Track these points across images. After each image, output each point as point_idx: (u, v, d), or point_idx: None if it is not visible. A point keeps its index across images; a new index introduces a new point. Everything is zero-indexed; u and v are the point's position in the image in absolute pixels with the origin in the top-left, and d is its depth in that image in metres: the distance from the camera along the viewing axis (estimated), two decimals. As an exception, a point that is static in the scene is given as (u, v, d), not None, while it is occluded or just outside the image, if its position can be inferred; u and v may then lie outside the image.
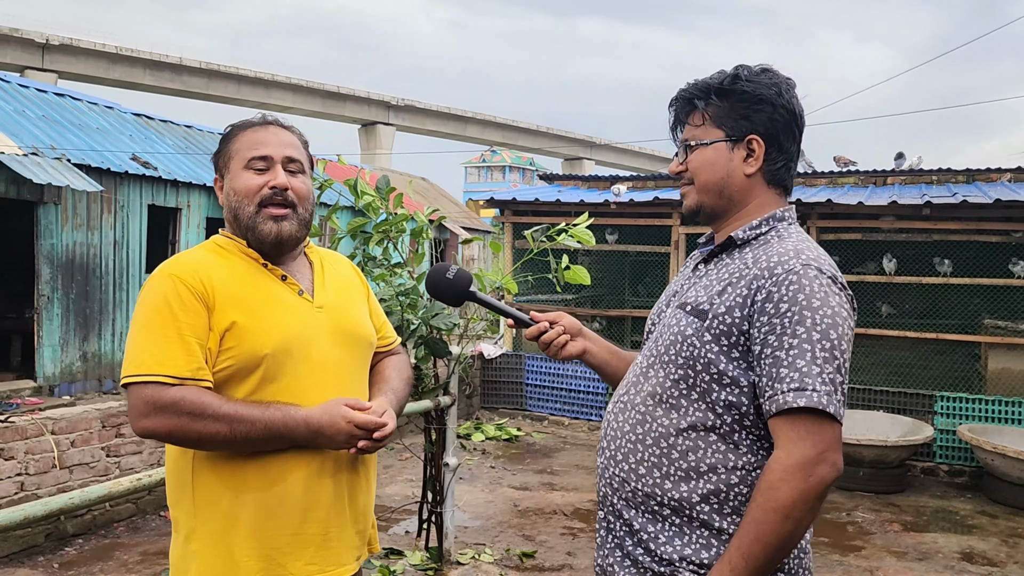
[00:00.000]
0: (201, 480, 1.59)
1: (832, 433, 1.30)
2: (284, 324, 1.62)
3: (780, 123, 1.50)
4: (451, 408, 4.27)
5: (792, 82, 1.53)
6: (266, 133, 1.70)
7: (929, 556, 4.92)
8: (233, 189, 1.66)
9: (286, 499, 1.59)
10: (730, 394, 1.40)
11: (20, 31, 33.41)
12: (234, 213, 1.66)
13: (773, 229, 1.50)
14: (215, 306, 1.57)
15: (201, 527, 1.59)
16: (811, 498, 1.28)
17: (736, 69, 1.52)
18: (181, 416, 1.48)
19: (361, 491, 1.73)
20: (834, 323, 1.33)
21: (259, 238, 1.65)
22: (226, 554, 1.57)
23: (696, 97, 1.53)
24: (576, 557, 4.66)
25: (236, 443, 1.52)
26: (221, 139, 1.75)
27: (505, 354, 8.73)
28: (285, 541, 1.59)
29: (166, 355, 1.51)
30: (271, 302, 1.64)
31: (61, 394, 8.92)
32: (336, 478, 1.66)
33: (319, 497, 1.63)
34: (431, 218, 4.32)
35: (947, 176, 8.66)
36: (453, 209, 21.83)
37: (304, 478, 1.61)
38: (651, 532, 1.44)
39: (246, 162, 1.66)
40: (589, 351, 1.76)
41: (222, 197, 1.72)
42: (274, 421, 1.53)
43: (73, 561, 4.31)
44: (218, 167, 1.73)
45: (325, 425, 1.55)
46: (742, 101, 1.49)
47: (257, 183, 1.65)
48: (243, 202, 1.65)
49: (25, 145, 8.58)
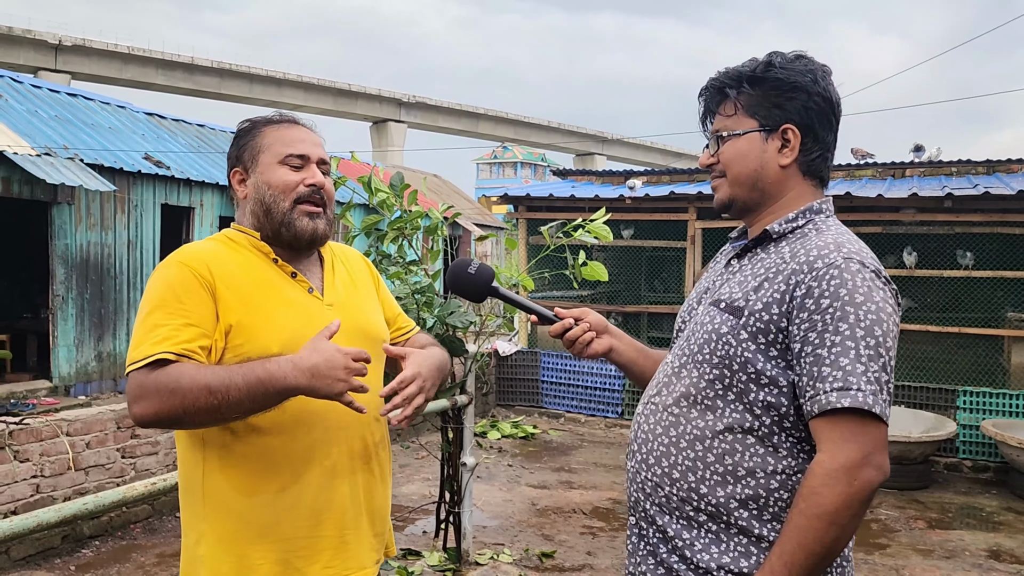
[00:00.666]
0: (212, 483, 1.55)
1: (878, 434, 1.24)
2: (292, 323, 1.57)
3: (816, 111, 1.43)
4: (468, 407, 4.22)
5: (828, 69, 1.46)
6: (300, 132, 1.69)
7: (956, 554, 4.83)
8: (267, 183, 1.63)
9: (300, 501, 1.55)
10: (768, 394, 1.33)
11: (33, 32, 33.61)
12: (266, 207, 1.62)
13: (811, 222, 1.43)
14: (221, 298, 1.52)
15: (210, 531, 1.55)
16: (856, 503, 1.22)
17: (769, 56, 1.46)
18: (161, 395, 1.40)
19: (377, 492, 1.69)
20: (878, 319, 1.27)
21: (295, 234, 1.62)
22: (238, 558, 1.53)
23: (727, 86, 1.47)
24: (596, 557, 4.60)
25: (223, 408, 1.41)
26: (240, 132, 1.71)
27: (520, 351, 8.68)
28: (301, 544, 1.55)
29: (157, 338, 1.45)
30: (279, 300, 1.59)
31: (77, 394, 8.94)
32: (352, 479, 1.62)
33: (334, 498, 1.59)
34: (446, 215, 4.27)
35: (967, 168, 8.53)
36: (465, 205, 21.79)
37: (318, 479, 1.57)
38: (686, 539, 1.38)
39: (282, 157, 1.64)
40: (615, 349, 1.69)
41: (243, 190, 1.67)
42: (253, 371, 1.40)
43: (90, 563, 4.29)
44: (240, 159, 1.68)
45: (319, 362, 1.40)
46: (776, 89, 1.42)
47: (295, 179, 1.63)
48: (279, 197, 1.62)
49: (38, 145, 8.59)
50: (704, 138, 1.55)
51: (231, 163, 1.70)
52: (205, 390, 1.39)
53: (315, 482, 1.56)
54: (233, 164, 1.70)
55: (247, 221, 1.67)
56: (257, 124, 1.70)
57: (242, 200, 1.68)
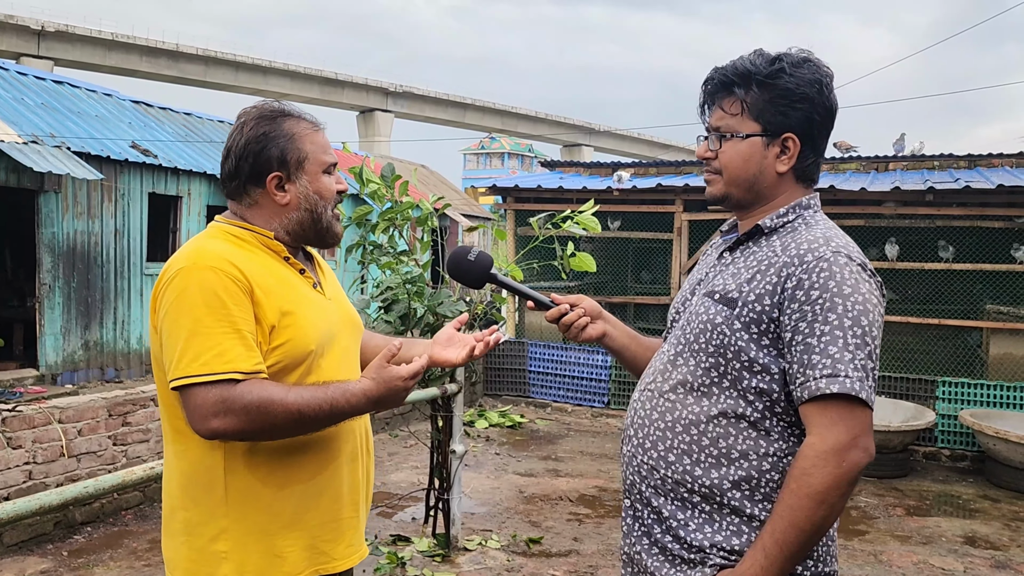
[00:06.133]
0: (236, 479, 1.55)
1: (864, 418, 1.31)
2: (320, 318, 1.64)
3: (817, 122, 1.47)
4: (457, 395, 4.28)
5: (832, 76, 1.49)
6: (325, 137, 1.73)
7: (933, 540, 4.95)
8: (318, 192, 1.66)
9: (329, 487, 1.63)
10: (761, 381, 1.40)
11: (15, 17, 33.21)
12: (316, 216, 1.67)
13: (800, 217, 1.49)
14: (258, 301, 1.54)
15: (235, 526, 1.55)
16: (844, 483, 1.29)
17: (779, 60, 1.46)
18: (250, 414, 1.44)
19: (372, 472, 1.82)
20: (865, 309, 1.34)
21: (335, 237, 1.72)
22: (267, 548, 1.56)
23: (735, 84, 1.48)
24: (582, 543, 4.69)
25: (303, 429, 1.52)
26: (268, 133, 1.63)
27: (508, 341, 8.74)
28: (329, 528, 1.63)
29: (230, 351, 1.46)
30: (303, 297, 1.63)
31: (63, 383, 8.93)
32: (362, 461, 1.74)
33: (354, 481, 1.70)
34: (436, 206, 4.32)
35: (949, 161, 8.65)
36: (453, 196, 21.80)
37: (344, 465, 1.66)
38: (680, 519, 1.45)
39: (325, 167, 1.69)
40: (609, 334, 1.75)
41: (284, 196, 1.64)
42: (337, 401, 1.51)
43: (82, 549, 4.33)
44: (284, 164, 1.63)
45: (385, 394, 1.55)
46: (783, 97, 1.45)
47: (335, 188, 1.71)
48: (326, 206, 1.68)
49: (25, 133, 8.55)
50: (702, 126, 1.57)
51: (264, 164, 1.63)
52: (296, 414, 1.47)
53: (342, 468, 1.65)
54: (270, 167, 1.63)
55: (278, 224, 1.65)
56: (285, 124, 1.65)
57: (279, 205, 1.64)
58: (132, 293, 9.85)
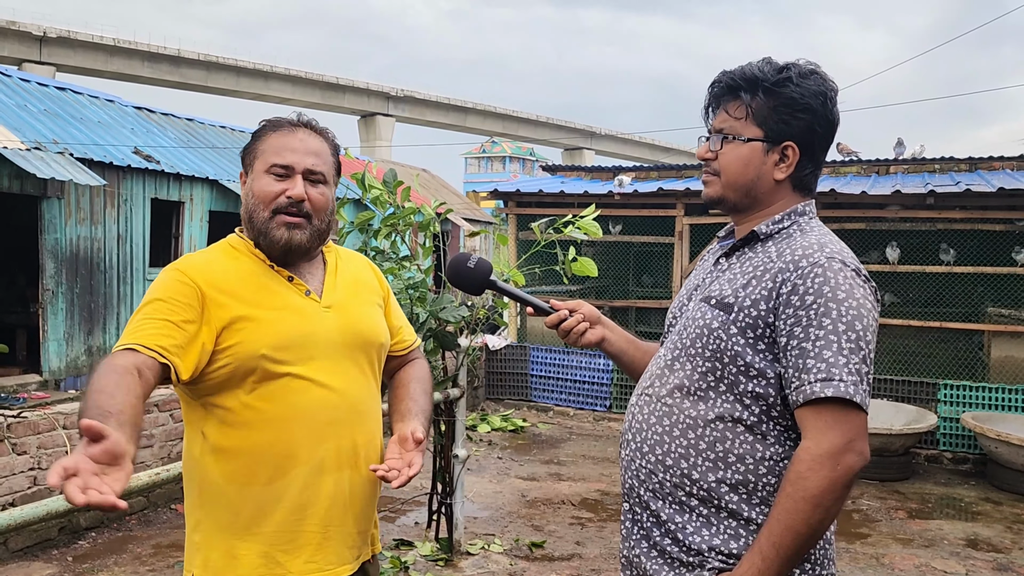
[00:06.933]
0: (207, 471, 1.59)
1: (859, 422, 1.33)
2: (283, 324, 1.60)
3: (819, 134, 1.50)
4: (460, 400, 4.29)
5: (836, 90, 1.51)
6: (293, 138, 1.67)
7: (935, 543, 4.96)
8: (252, 191, 1.65)
9: (285, 495, 1.58)
10: (757, 385, 1.42)
11: (17, 24, 33.28)
12: (249, 215, 1.66)
13: (795, 223, 1.51)
14: (215, 304, 1.57)
15: (206, 519, 1.60)
16: (840, 486, 1.30)
17: (787, 69, 1.49)
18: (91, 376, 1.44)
19: (365, 491, 1.69)
20: (859, 315, 1.35)
21: (269, 243, 1.65)
22: (227, 547, 1.57)
23: (742, 88, 1.50)
24: (585, 546, 4.70)
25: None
26: (253, 135, 1.72)
27: (510, 345, 8.76)
28: (284, 539, 1.58)
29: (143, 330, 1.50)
30: (272, 303, 1.62)
31: (67, 388, 8.94)
32: (337, 475, 1.63)
33: (319, 495, 1.61)
34: (438, 211, 4.34)
35: (949, 164, 8.67)
36: (455, 200, 21.81)
37: (303, 476, 1.59)
38: (679, 523, 1.46)
39: (268, 166, 1.65)
40: (607, 339, 1.77)
41: (243, 195, 1.71)
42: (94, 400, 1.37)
43: (87, 554, 4.35)
44: (245, 163, 1.72)
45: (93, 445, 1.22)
46: (788, 105, 1.47)
47: (275, 190, 1.64)
48: (259, 206, 1.64)
49: (28, 139, 8.58)
50: (705, 127, 1.59)
51: (242, 164, 1.74)
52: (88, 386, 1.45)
53: (301, 478, 1.59)
54: (243, 166, 1.73)
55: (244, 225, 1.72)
56: (267, 128, 1.71)
57: (243, 203, 1.71)
58: (135, 298, 9.87)
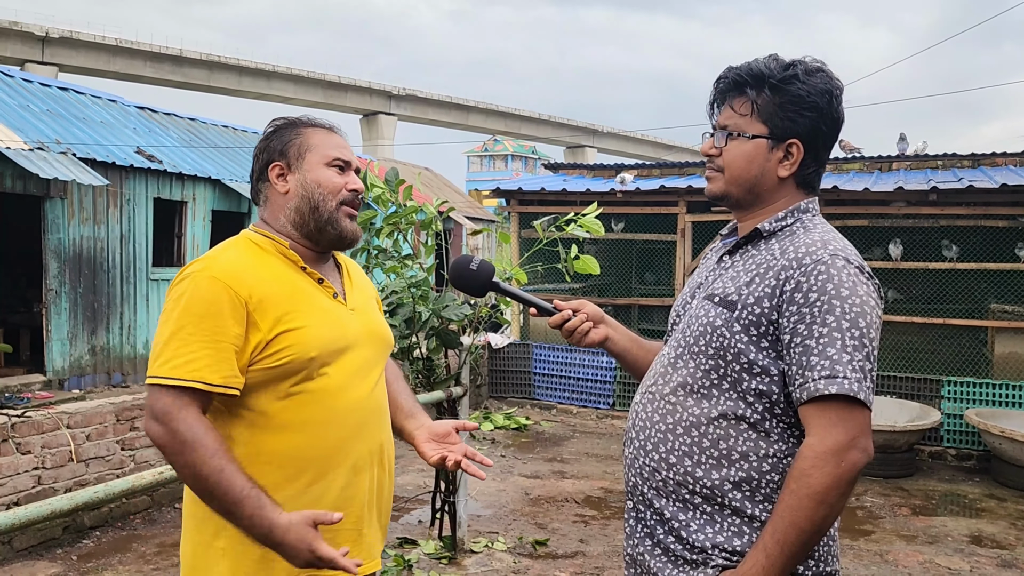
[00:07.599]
0: None
1: (862, 419, 1.32)
2: (327, 327, 1.63)
3: (823, 132, 1.49)
4: (463, 398, 4.29)
5: (842, 88, 1.51)
6: (341, 138, 1.74)
7: (939, 540, 4.95)
8: (316, 181, 1.66)
9: (324, 497, 1.60)
10: (760, 383, 1.42)
11: (20, 24, 33.37)
12: (314, 205, 1.65)
13: (798, 220, 1.51)
14: (259, 311, 1.55)
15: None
16: (843, 483, 1.30)
17: (793, 66, 1.48)
18: (175, 440, 1.45)
19: (386, 487, 1.76)
20: (862, 312, 1.35)
21: (339, 233, 1.68)
22: (263, 552, 1.55)
23: (748, 84, 1.50)
24: (588, 544, 4.70)
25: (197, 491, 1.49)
26: (279, 128, 1.72)
27: (513, 344, 8.76)
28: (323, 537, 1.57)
29: (199, 361, 1.48)
30: (313, 305, 1.64)
31: (71, 388, 8.96)
32: (369, 474, 1.69)
33: (356, 494, 1.65)
34: (440, 209, 4.34)
35: (952, 161, 8.65)
36: (457, 199, 21.81)
37: (343, 476, 1.62)
38: (682, 520, 1.46)
39: (329, 160, 1.68)
40: (611, 338, 1.77)
41: (284, 185, 1.68)
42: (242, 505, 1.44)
43: (91, 553, 4.36)
44: (284, 154, 1.68)
45: (287, 545, 1.44)
46: (793, 103, 1.47)
47: (340, 182, 1.68)
48: (327, 197, 1.66)
49: (31, 140, 8.60)
50: (709, 122, 1.59)
51: (268, 156, 1.69)
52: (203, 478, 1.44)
53: (340, 479, 1.62)
54: (272, 158, 1.69)
55: (283, 218, 1.68)
56: (297, 123, 1.72)
57: (281, 195, 1.68)
58: (138, 298, 9.90)
